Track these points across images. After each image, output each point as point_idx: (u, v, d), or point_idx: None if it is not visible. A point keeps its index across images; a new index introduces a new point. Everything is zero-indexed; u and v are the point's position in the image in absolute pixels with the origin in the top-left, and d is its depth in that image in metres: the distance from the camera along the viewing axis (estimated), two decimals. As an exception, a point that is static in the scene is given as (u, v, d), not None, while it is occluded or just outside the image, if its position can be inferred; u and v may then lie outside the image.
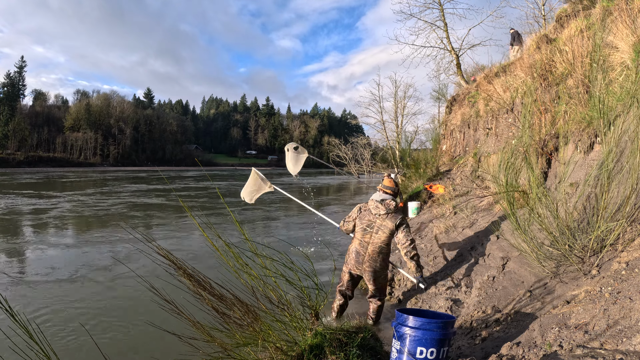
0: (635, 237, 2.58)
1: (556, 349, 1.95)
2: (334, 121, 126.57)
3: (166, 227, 9.81)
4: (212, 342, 1.96)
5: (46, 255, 6.58)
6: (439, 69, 14.15)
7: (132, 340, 3.49)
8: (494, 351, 2.31)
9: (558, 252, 2.92)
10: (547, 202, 3.05)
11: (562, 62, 5.01)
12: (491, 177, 5.84)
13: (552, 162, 4.62)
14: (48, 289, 4.83)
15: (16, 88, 69.80)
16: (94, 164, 70.80)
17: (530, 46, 6.53)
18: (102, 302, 4.40)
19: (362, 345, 2.26)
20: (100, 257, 6.34)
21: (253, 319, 2.07)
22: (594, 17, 4.99)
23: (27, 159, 61.57)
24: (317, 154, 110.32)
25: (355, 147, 18.32)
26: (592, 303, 2.18)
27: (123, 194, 18.87)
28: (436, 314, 2.63)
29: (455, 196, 7.61)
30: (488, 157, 7.54)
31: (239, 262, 2.07)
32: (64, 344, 3.36)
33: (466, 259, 4.57)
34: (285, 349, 2.09)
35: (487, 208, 5.88)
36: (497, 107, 7.58)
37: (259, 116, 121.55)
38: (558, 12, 6.77)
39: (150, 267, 4.90)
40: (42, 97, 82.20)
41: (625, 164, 2.80)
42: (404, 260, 4.23)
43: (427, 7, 13.11)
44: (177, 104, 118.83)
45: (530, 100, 4.96)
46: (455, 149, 11.86)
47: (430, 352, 2.07)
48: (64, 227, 9.34)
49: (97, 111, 78.82)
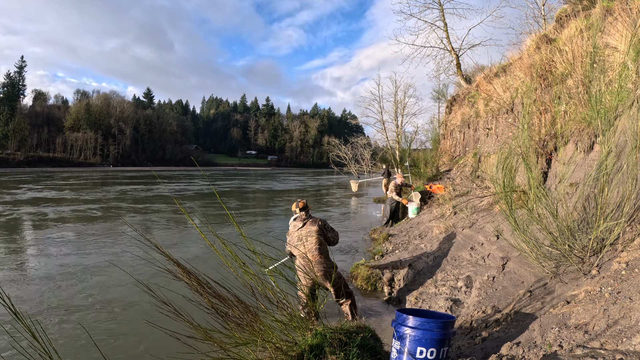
0: (635, 237, 2.58)
1: (556, 349, 1.95)
2: (334, 121, 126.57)
3: (166, 227, 9.81)
4: (211, 342, 1.96)
5: (46, 255, 6.58)
6: (439, 69, 14.13)
7: (132, 340, 3.49)
8: (494, 351, 2.31)
9: (558, 252, 2.92)
10: (547, 202, 3.05)
11: (562, 62, 5.01)
12: (490, 177, 5.84)
13: (552, 162, 4.61)
14: (47, 289, 4.83)
15: (16, 88, 69.78)
16: (94, 164, 70.77)
17: (530, 46, 6.52)
18: (100, 303, 4.40)
19: (362, 345, 2.26)
20: (99, 257, 6.34)
21: (252, 319, 2.07)
22: (594, 17, 4.99)
23: (27, 159, 61.52)
24: (317, 154, 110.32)
25: (355, 147, 18.33)
26: (592, 303, 2.18)
27: (128, 193, 18.89)
28: (436, 314, 2.63)
29: (455, 196, 7.61)
30: (488, 157, 7.54)
31: (237, 261, 2.07)
32: (64, 343, 3.36)
33: (466, 259, 4.57)
34: (285, 349, 2.09)
35: (487, 208, 5.88)
36: (497, 107, 7.58)
37: (258, 116, 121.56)
38: (558, 12, 6.77)
39: (149, 267, 4.89)
40: (42, 97, 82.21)
41: (625, 164, 2.81)
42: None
43: (427, 7, 13.10)
44: (177, 104, 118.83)
45: (529, 101, 4.96)
46: (455, 149, 11.87)
47: (430, 352, 2.07)
48: (64, 227, 9.34)
49: (97, 111, 78.79)
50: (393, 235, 7.27)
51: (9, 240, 7.85)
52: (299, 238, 3.81)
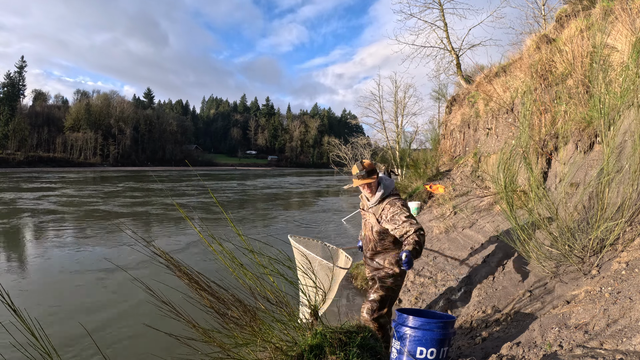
0: (635, 237, 2.58)
1: (556, 349, 1.95)
2: (334, 121, 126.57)
3: (168, 228, 9.80)
4: (210, 342, 1.96)
5: (45, 254, 6.57)
6: (439, 69, 14.13)
7: (132, 340, 3.49)
8: (494, 351, 2.30)
9: (558, 252, 2.92)
10: (547, 203, 3.05)
11: (562, 62, 5.01)
12: (490, 177, 5.84)
13: (552, 162, 4.61)
14: (47, 289, 4.82)
15: (16, 88, 69.75)
16: (94, 164, 70.76)
17: (530, 46, 6.52)
18: (99, 303, 4.39)
19: (362, 345, 2.26)
20: (98, 257, 6.34)
21: (252, 319, 2.07)
22: (594, 17, 4.99)
23: (27, 159, 61.50)
24: (317, 154, 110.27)
25: (355, 147, 18.32)
26: (592, 303, 2.18)
27: (135, 194, 18.88)
28: (436, 314, 2.63)
29: (455, 196, 7.61)
30: (488, 157, 7.53)
31: (234, 261, 2.07)
32: (65, 343, 3.36)
33: (466, 259, 4.57)
34: (285, 349, 2.08)
35: (487, 208, 5.88)
36: (497, 107, 7.58)
37: (259, 116, 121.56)
38: (558, 12, 6.77)
39: (150, 266, 4.89)
40: (42, 97, 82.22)
41: (625, 164, 2.80)
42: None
43: (427, 7, 13.10)
44: (177, 104, 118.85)
45: (529, 101, 4.96)
46: (455, 149, 11.87)
47: (430, 352, 2.07)
48: (64, 227, 9.33)
49: (97, 111, 78.79)
50: (393, 235, 7.25)
51: (9, 240, 7.85)
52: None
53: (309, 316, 2.40)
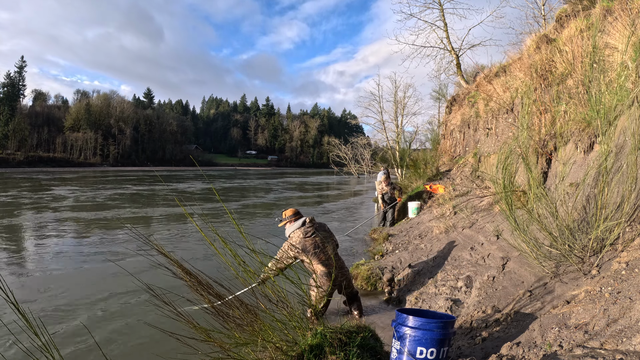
0: (635, 237, 2.58)
1: (556, 349, 1.95)
2: (334, 121, 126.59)
3: (168, 228, 9.81)
4: (211, 342, 1.96)
5: (45, 254, 6.58)
6: (439, 69, 14.14)
7: (132, 340, 3.49)
8: (494, 351, 2.31)
9: (558, 252, 2.92)
10: (547, 202, 3.05)
11: (562, 62, 5.01)
12: (490, 177, 5.84)
13: (552, 162, 4.62)
14: (48, 288, 4.83)
15: (16, 88, 69.74)
16: (94, 164, 70.75)
17: (530, 46, 6.52)
18: (100, 302, 4.40)
19: (362, 345, 2.26)
20: (99, 256, 6.34)
21: (252, 318, 2.07)
22: (594, 17, 4.99)
23: (27, 159, 61.48)
24: (317, 154, 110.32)
25: (355, 147, 18.32)
26: (592, 303, 2.18)
27: (135, 192, 18.89)
28: (436, 314, 2.63)
29: (455, 196, 7.62)
30: (488, 157, 7.54)
31: (236, 259, 2.07)
32: (64, 343, 3.36)
33: (466, 259, 4.57)
34: (285, 349, 2.09)
35: (487, 208, 5.89)
36: (497, 107, 7.58)
37: (259, 116, 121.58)
38: (558, 12, 6.76)
39: (149, 267, 4.89)
40: (42, 97, 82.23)
41: (624, 164, 2.81)
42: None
43: (427, 7, 13.11)
44: (177, 104, 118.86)
45: (529, 101, 4.96)
46: (455, 149, 11.87)
47: (430, 352, 2.07)
48: (63, 227, 9.34)
49: (97, 111, 78.76)
50: (393, 235, 7.27)
51: (9, 240, 7.86)
52: (315, 245, 3.60)
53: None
